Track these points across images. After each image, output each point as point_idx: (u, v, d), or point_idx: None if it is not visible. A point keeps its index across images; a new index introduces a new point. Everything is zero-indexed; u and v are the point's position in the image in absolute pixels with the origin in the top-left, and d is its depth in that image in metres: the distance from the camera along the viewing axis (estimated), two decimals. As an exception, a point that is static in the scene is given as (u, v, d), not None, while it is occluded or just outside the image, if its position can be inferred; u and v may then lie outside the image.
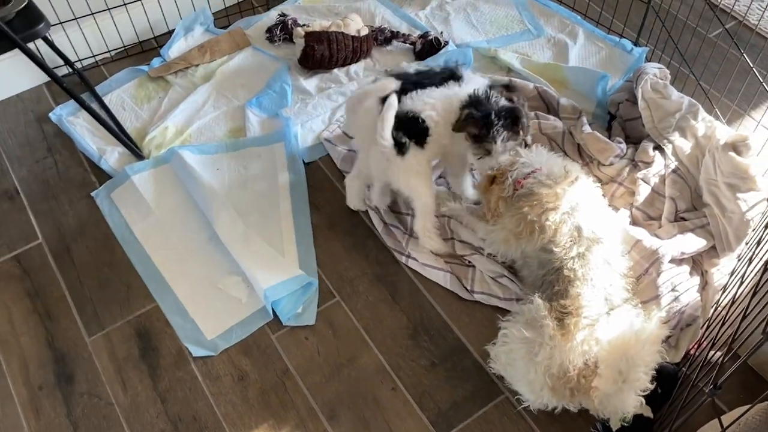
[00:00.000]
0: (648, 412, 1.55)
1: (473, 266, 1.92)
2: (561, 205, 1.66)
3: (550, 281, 1.64)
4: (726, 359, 1.18)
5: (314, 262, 1.97)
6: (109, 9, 2.43)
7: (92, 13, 2.41)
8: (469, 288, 1.89)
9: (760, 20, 2.40)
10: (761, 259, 1.36)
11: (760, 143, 2.02)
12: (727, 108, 2.26)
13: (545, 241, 1.66)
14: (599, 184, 1.84)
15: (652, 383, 1.50)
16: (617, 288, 1.62)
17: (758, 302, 1.11)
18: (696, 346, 1.67)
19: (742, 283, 1.42)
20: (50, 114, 2.37)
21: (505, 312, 1.81)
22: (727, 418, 1.36)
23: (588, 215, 1.68)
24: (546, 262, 1.66)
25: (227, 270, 1.94)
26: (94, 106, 2.37)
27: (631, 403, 1.48)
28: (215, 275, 1.93)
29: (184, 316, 1.86)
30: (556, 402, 1.58)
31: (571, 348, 1.51)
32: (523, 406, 1.64)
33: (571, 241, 1.63)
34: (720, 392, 1.07)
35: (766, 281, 1.14)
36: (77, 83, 2.48)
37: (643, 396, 1.50)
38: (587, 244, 1.63)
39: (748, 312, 1.13)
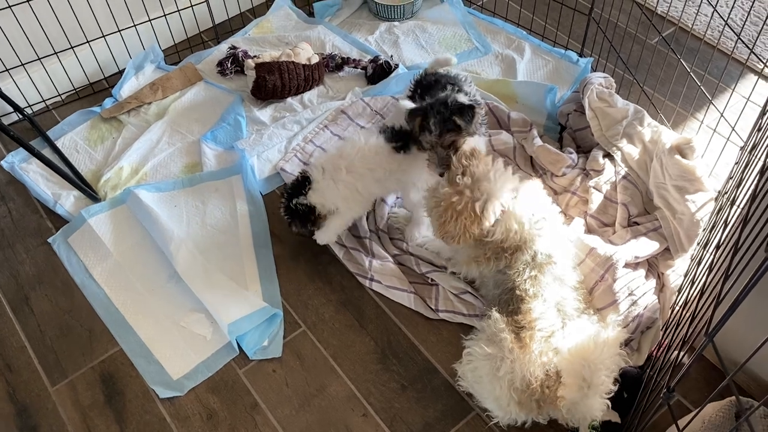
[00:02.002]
0: (615, 418, 1.57)
1: (436, 285, 1.93)
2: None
3: (505, 300, 1.66)
4: (679, 361, 1.21)
5: (278, 293, 1.97)
6: (56, 53, 2.42)
7: (39, 58, 2.39)
8: (433, 307, 1.90)
9: (693, 23, 2.48)
10: (708, 259, 1.40)
11: (704, 144, 2.08)
12: (671, 111, 2.32)
13: (500, 267, 1.69)
14: (553, 198, 1.86)
15: (615, 385, 1.53)
16: (570, 300, 1.65)
17: (704, 304, 1.14)
18: (657, 349, 1.70)
19: (693, 284, 1.45)
20: (2, 162, 2.33)
21: (470, 328, 1.82)
22: (688, 419, 1.39)
23: (544, 242, 1.69)
24: (501, 282, 1.69)
25: (190, 307, 1.92)
26: (47, 150, 2.35)
27: (598, 407, 1.51)
28: (178, 313, 1.92)
29: (149, 358, 1.84)
30: (525, 416, 1.59)
31: (530, 360, 1.53)
32: (493, 422, 1.65)
33: (524, 265, 1.66)
34: (674, 395, 1.09)
35: (710, 283, 1.17)
36: (29, 129, 2.45)
37: (609, 399, 1.52)
38: (540, 267, 1.65)
39: (696, 314, 1.16)
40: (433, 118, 1.74)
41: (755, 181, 1.18)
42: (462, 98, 1.79)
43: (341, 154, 1.88)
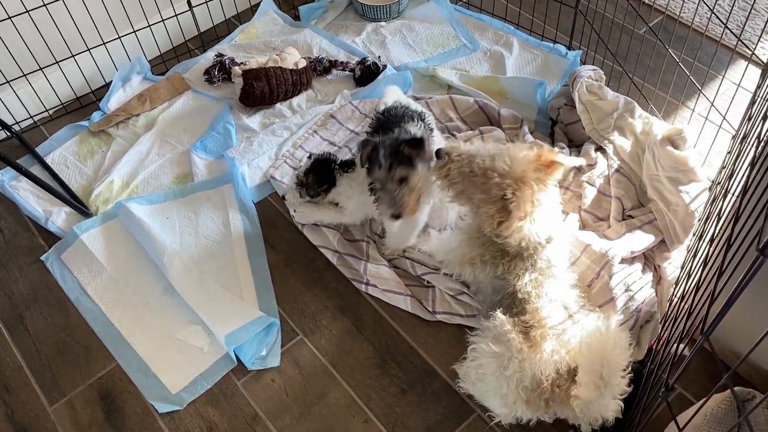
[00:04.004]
0: (617, 414, 1.56)
1: (432, 287, 1.92)
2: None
3: (507, 304, 1.63)
4: (679, 354, 1.19)
5: (274, 301, 1.95)
6: (41, 69, 2.40)
7: (24, 75, 2.37)
8: (430, 309, 1.89)
9: (681, 10, 2.47)
10: (703, 253, 1.39)
11: (696, 133, 2.07)
12: (662, 101, 2.31)
13: (498, 273, 1.67)
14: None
15: (629, 386, 1.48)
16: (572, 296, 1.63)
17: (699, 299, 1.12)
18: (656, 342, 1.69)
19: (689, 277, 1.44)
20: (-9, 181, 2.32)
21: (468, 329, 1.81)
22: (690, 412, 1.38)
23: (547, 251, 1.66)
24: (500, 288, 1.67)
25: (186, 320, 1.91)
26: (36, 167, 2.34)
27: (612, 408, 1.47)
28: (174, 326, 1.90)
29: (146, 372, 1.83)
30: (531, 414, 1.57)
31: (542, 359, 1.49)
32: (495, 422, 1.64)
33: (524, 270, 1.63)
34: (672, 392, 1.08)
35: (704, 278, 1.16)
36: (17, 146, 2.43)
37: (622, 400, 1.48)
38: (541, 271, 1.63)
39: (692, 309, 1.15)
40: (383, 150, 1.68)
41: (746, 174, 1.17)
42: (413, 129, 1.74)
43: None
